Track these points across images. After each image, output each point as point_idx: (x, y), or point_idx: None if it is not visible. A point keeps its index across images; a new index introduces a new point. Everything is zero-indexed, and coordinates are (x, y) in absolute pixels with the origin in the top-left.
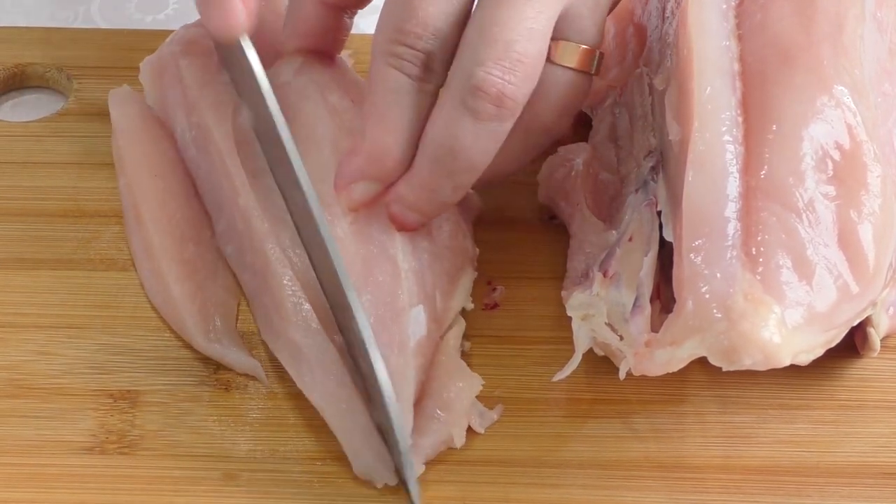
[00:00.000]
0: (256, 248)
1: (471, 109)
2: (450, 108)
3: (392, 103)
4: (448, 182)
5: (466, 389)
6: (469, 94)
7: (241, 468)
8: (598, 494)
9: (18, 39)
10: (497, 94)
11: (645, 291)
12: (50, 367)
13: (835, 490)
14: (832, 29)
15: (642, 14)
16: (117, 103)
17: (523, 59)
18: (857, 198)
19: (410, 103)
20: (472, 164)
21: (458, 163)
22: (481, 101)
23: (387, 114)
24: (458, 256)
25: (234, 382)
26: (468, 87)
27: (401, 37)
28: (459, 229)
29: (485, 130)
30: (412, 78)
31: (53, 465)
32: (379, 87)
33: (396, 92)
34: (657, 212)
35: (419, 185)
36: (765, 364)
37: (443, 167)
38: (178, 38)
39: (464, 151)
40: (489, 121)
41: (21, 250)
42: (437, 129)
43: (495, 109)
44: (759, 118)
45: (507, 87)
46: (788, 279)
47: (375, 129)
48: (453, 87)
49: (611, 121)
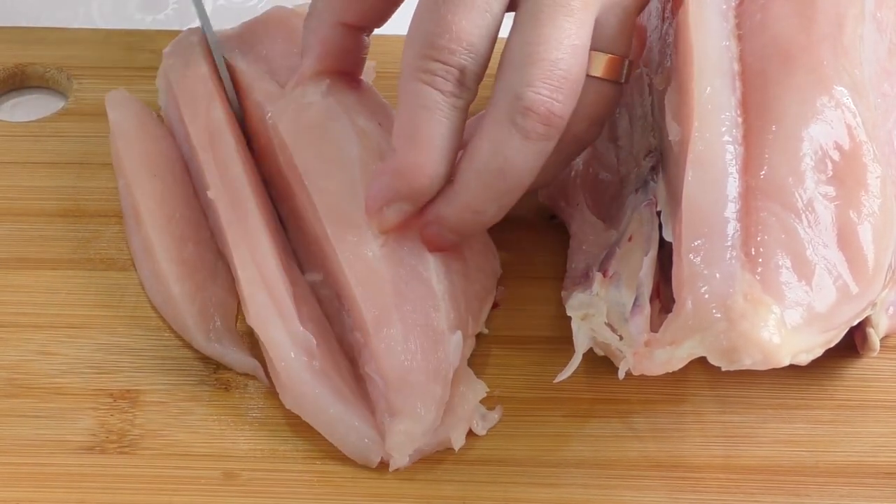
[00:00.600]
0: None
1: (520, 129)
2: (498, 128)
3: (424, 120)
4: (494, 203)
5: (469, 394)
6: (519, 114)
7: (240, 467)
8: (597, 494)
9: (18, 39)
10: (546, 113)
11: (644, 291)
12: (50, 366)
13: (834, 490)
14: (832, 29)
15: (642, 14)
16: (114, 105)
17: (568, 76)
18: (856, 198)
19: (443, 120)
20: (520, 182)
21: (506, 182)
22: (531, 121)
23: (419, 131)
24: (487, 278)
25: (234, 382)
26: (518, 107)
27: (433, 52)
28: (489, 249)
29: (533, 150)
30: (445, 94)
31: (53, 465)
32: (410, 104)
33: (428, 108)
34: (657, 212)
35: (464, 207)
36: (764, 364)
37: (491, 188)
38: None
39: (512, 171)
40: (538, 140)
41: (21, 250)
42: (484, 149)
43: (544, 129)
44: (758, 118)
45: (555, 106)
46: (788, 279)
47: (407, 146)
48: (500, 107)
49: (611, 121)
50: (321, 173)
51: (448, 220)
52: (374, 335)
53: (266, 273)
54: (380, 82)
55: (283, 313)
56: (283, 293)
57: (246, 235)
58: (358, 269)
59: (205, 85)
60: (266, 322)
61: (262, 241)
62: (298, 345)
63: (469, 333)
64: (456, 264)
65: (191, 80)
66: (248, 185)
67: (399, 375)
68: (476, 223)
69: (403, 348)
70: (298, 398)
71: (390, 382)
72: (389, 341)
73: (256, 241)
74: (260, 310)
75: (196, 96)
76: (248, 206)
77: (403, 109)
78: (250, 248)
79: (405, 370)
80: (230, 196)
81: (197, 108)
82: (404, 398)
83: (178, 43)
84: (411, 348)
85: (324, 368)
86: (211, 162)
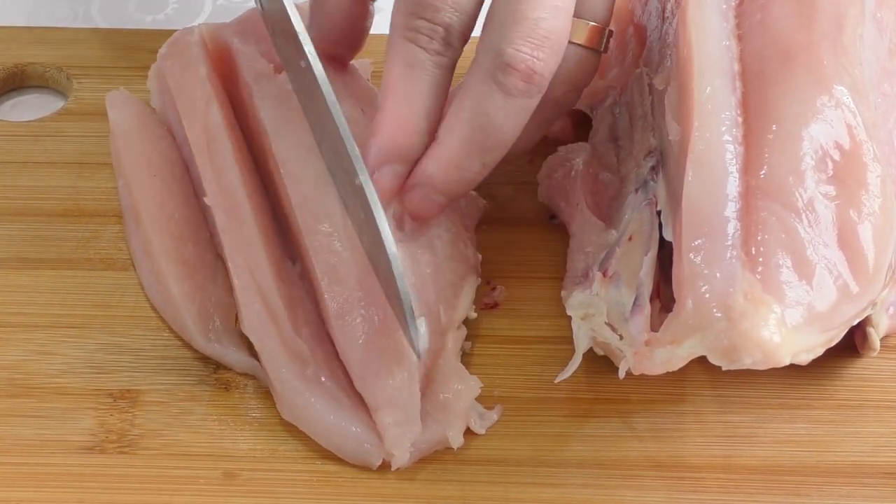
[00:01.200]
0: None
1: (501, 86)
2: (480, 84)
3: (409, 77)
4: (478, 159)
5: (464, 392)
6: (500, 70)
7: (240, 467)
8: (597, 494)
9: (18, 39)
10: (527, 70)
11: (645, 291)
12: (50, 366)
13: (834, 490)
14: (832, 29)
15: (642, 14)
16: (114, 105)
17: (550, 35)
18: (856, 198)
19: (426, 77)
20: (502, 140)
21: (489, 139)
22: (512, 78)
23: (404, 88)
24: (460, 266)
25: (234, 382)
26: (499, 64)
27: (419, 10)
28: (460, 238)
29: (514, 106)
30: (429, 52)
31: (53, 465)
32: (396, 62)
33: (413, 66)
34: (657, 211)
35: (447, 163)
36: (764, 363)
37: (474, 144)
38: (167, 42)
39: (495, 128)
40: (519, 97)
41: (21, 250)
42: (466, 105)
43: (525, 85)
44: (758, 118)
45: (536, 64)
46: (788, 279)
47: (393, 104)
48: (483, 64)
49: (611, 121)
50: (297, 161)
51: (433, 179)
52: (335, 326)
53: (260, 281)
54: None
55: (278, 321)
56: (276, 301)
57: (241, 243)
58: (324, 259)
59: (203, 88)
60: (260, 332)
61: (256, 249)
62: (292, 354)
63: (444, 320)
64: (425, 256)
65: (189, 83)
66: (244, 191)
67: (362, 364)
68: (461, 180)
69: (364, 338)
70: (293, 409)
71: (356, 372)
72: (350, 330)
73: (251, 248)
74: (254, 320)
75: (194, 99)
76: (244, 213)
77: (389, 67)
78: (245, 255)
79: (367, 359)
80: (226, 203)
81: (194, 111)
82: (375, 388)
83: (173, 44)
84: (371, 337)
85: (318, 375)
86: (207, 167)
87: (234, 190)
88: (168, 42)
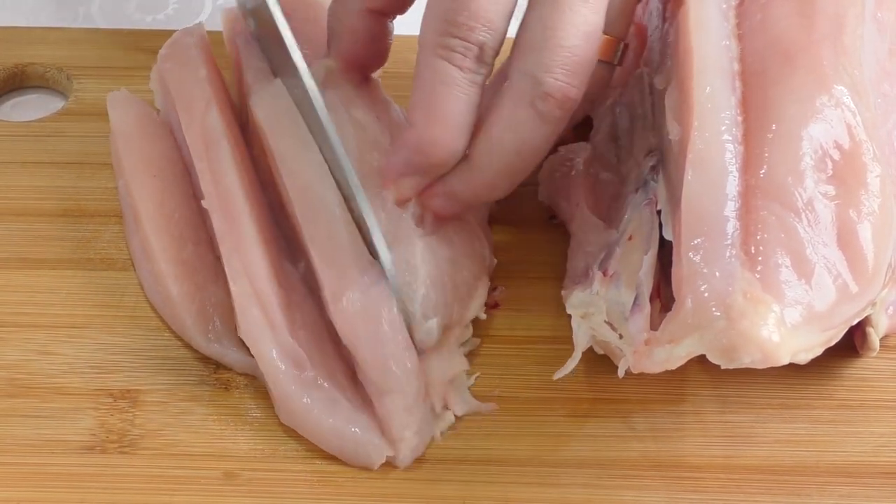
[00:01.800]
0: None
1: (539, 112)
2: (516, 110)
3: (443, 96)
4: (509, 180)
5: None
6: (539, 99)
7: (240, 467)
8: (597, 494)
9: (18, 39)
10: (563, 98)
11: (644, 290)
12: (50, 366)
13: (834, 489)
14: (832, 29)
15: (642, 14)
16: (115, 106)
17: (583, 62)
18: (856, 197)
19: (462, 96)
20: (534, 161)
21: (522, 162)
22: (549, 106)
23: (438, 107)
24: (475, 264)
25: (234, 382)
26: (538, 93)
27: (453, 29)
28: (476, 236)
29: (548, 130)
30: (464, 70)
31: (53, 465)
32: (429, 79)
33: (447, 84)
34: (657, 211)
35: (479, 185)
36: (764, 362)
37: (508, 167)
38: (167, 43)
39: (529, 151)
40: (554, 122)
41: (21, 250)
42: (503, 130)
43: (561, 112)
44: (758, 118)
45: (572, 91)
46: (787, 278)
47: (425, 121)
48: (519, 90)
49: (611, 121)
50: (295, 156)
51: (461, 196)
52: (335, 311)
53: (258, 285)
54: (387, 81)
55: (275, 326)
56: (274, 306)
57: (238, 247)
58: (323, 247)
59: (202, 90)
60: (257, 338)
61: (254, 253)
62: (289, 359)
63: (455, 318)
64: (444, 251)
65: (188, 85)
66: (242, 195)
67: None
68: (489, 197)
69: (366, 324)
70: (291, 414)
71: (359, 358)
72: (351, 317)
73: (248, 252)
74: (251, 325)
75: (192, 101)
76: (241, 217)
77: (422, 84)
78: (242, 259)
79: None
80: (223, 206)
81: (193, 113)
82: (379, 374)
83: (173, 44)
84: (373, 324)
85: (315, 379)
86: (206, 171)
87: (231, 193)
88: (168, 43)
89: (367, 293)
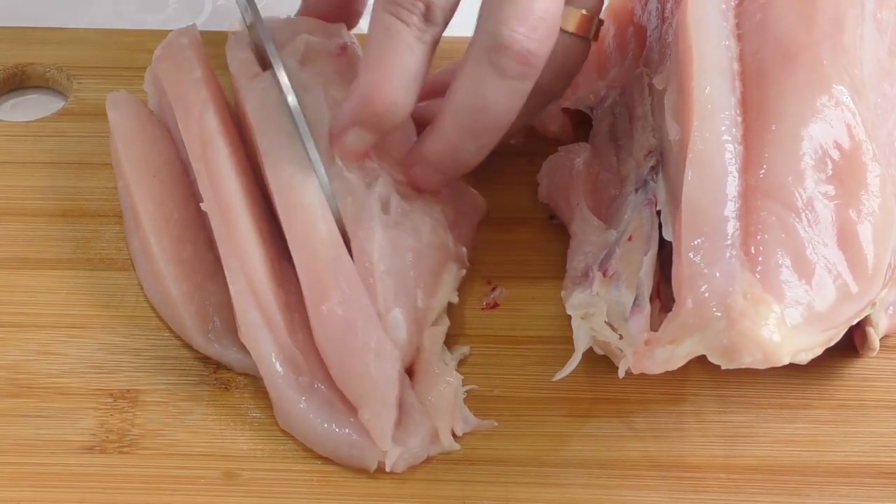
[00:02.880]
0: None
1: (497, 68)
2: (475, 66)
3: (387, 48)
4: (473, 142)
5: (447, 391)
6: (495, 52)
7: (240, 467)
8: (597, 493)
9: (18, 39)
10: (521, 51)
11: (644, 291)
12: (50, 366)
13: (835, 489)
14: (832, 29)
15: (642, 14)
16: (114, 107)
17: (545, 17)
18: (856, 197)
19: (406, 50)
20: (497, 122)
21: (484, 121)
22: (507, 59)
23: (381, 59)
24: (439, 253)
25: (234, 382)
26: (494, 45)
27: None
28: (441, 225)
29: (510, 88)
30: (409, 25)
31: (53, 465)
32: (376, 34)
33: (392, 38)
34: (657, 211)
35: (443, 145)
36: (764, 362)
37: (469, 126)
38: (162, 44)
39: (490, 110)
40: (514, 78)
41: (21, 250)
42: (462, 88)
43: (520, 67)
44: (758, 118)
45: (531, 44)
46: (788, 278)
47: (369, 73)
48: (478, 47)
49: (611, 121)
50: (278, 151)
51: (429, 159)
52: (312, 319)
53: (257, 287)
54: None
55: (274, 328)
56: (273, 307)
57: (237, 248)
58: (302, 251)
59: (198, 92)
60: (256, 340)
61: (253, 254)
62: (287, 362)
63: (422, 307)
64: (409, 241)
65: (184, 86)
66: (240, 196)
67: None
68: (457, 161)
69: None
70: (287, 417)
71: (332, 368)
72: (327, 326)
73: (247, 254)
74: (250, 327)
75: (189, 103)
76: (239, 218)
77: (370, 38)
78: (241, 261)
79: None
80: (221, 207)
81: (190, 115)
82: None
83: (167, 46)
84: (347, 333)
85: (312, 382)
86: (204, 173)
87: (229, 195)
88: (162, 44)
89: (343, 304)
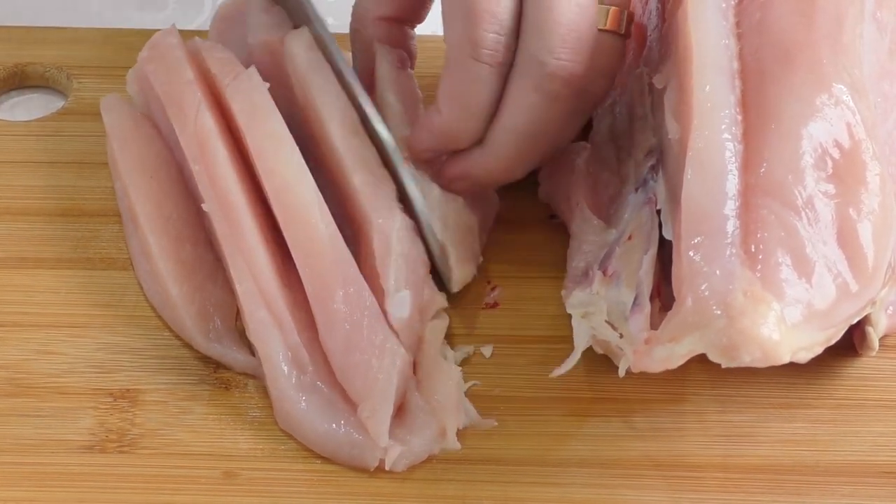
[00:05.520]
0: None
1: (548, 94)
2: (528, 94)
3: (474, 92)
4: (528, 164)
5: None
6: (546, 81)
7: (241, 467)
8: (598, 493)
9: (18, 39)
10: (568, 76)
11: (644, 290)
12: (50, 366)
13: (835, 489)
14: (832, 28)
15: (642, 14)
16: (109, 109)
17: (581, 35)
18: (856, 196)
19: (486, 88)
20: (550, 143)
21: (539, 145)
22: (557, 85)
23: (468, 101)
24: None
25: (234, 381)
26: (545, 74)
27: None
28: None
29: (561, 110)
30: (493, 66)
31: (53, 465)
32: (460, 76)
33: (477, 81)
34: (657, 210)
35: (496, 169)
36: (764, 361)
37: (525, 152)
38: (147, 45)
39: (549, 132)
40: (564, 101)
41: (21, 250)
42: (516, 116)
43: (569, 90)
44: (758, 116)
45: (577, 68)
46: (788, 277)
47: (455, 113)
48: (527, 75)
49: (611, 121)
50: (270, 152)
51: (480, 180)
52: (318, 315)
53: (264, 287)
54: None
55: (283, 327)
56: (281, 306)
57: (242, 249)
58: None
59: (192, 93)
60: (265, 340)
61: (258, 254)
62: (292, 362)
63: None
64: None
65: (176, 88)
66: (241, 196)
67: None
68: (506, 180)
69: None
70: (287, 418)
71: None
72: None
73: (252, 254)
74: (259, 327)
75: (183, 105)
76: (243, 219)
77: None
78: (247, 261)
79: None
80: (223, 208)
81: (185, 117)
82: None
83: (153, 47)
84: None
85: (315, 381)
86: (203, 173)
87: (230, 196)
88: (148, 45)
89: (348, 302)
